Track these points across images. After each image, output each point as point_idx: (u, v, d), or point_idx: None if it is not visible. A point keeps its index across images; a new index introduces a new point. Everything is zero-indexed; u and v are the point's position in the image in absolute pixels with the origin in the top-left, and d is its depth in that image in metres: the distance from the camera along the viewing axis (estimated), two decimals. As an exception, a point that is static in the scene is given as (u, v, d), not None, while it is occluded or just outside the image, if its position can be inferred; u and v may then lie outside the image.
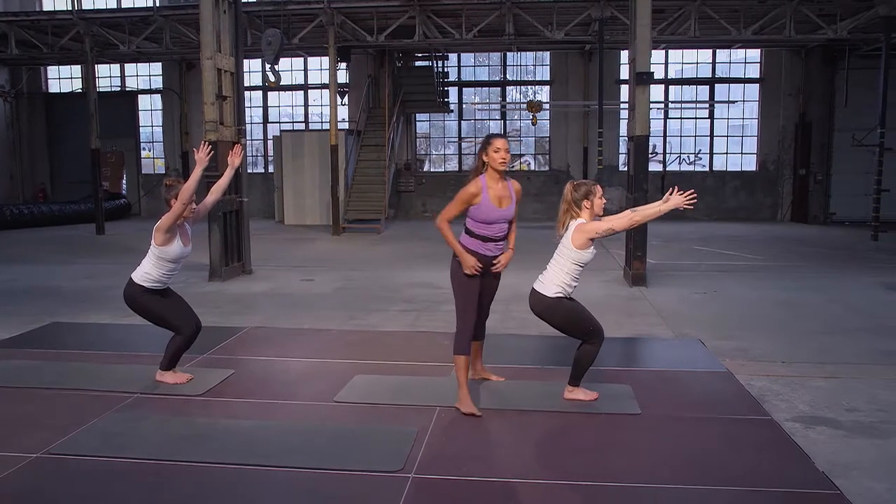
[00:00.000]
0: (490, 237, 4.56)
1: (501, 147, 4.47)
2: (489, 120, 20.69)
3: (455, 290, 4.64)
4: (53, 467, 3.77)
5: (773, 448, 4.03)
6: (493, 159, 4.47)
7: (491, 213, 4.50)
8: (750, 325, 7.27)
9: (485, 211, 4.48)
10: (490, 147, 4.48)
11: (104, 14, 16.76)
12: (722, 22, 14.93)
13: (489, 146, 4.48)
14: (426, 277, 10.10)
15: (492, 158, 4.47)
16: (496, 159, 4.46)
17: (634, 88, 9.50)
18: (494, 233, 4.56)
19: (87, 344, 6.35)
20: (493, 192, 4.50)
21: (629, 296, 8.90)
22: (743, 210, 19.19)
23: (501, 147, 4.47)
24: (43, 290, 9.39)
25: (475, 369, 5.07)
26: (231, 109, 10.46)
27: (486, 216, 4.50)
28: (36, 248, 14.15)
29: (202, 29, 10.05)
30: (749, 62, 19.36)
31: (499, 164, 4.46)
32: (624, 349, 6.22)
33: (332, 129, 15.77)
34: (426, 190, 20.36)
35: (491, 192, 4.49)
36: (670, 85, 19.63)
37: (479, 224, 4.53)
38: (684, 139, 19.80)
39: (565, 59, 19.53)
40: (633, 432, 4.28)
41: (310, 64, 20.56)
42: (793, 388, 5.24)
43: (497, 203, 4.50)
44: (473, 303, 4.59)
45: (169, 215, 4.79)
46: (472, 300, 4.58)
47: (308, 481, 3.65)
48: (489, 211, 4.49)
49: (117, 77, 21.51)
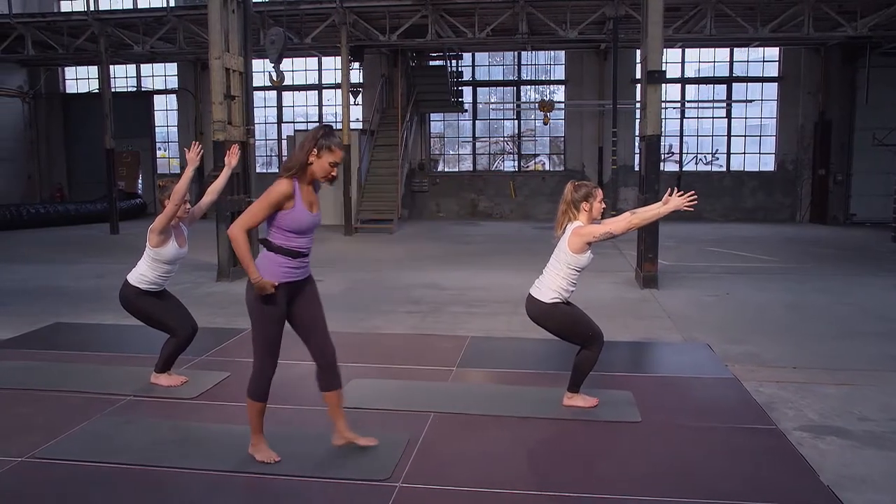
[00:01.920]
0: (301, 251, 3.70)
1: (337, 159, 3.65)
2: (504, 119, 20.56)
3: (253, 324, 3.70)
4: (36, 472, 3.71)
5: (776, 459, 3.89)
6: (324, 169, 3.64)
7: (304, 219, 3.65)
8: (761, 329, 7.10)
9: (298, 217, 3.62)
10: (329, 154, 3.63)
11: (118, 14, 16.82)
12: (739, 20, 14.70)
13: (328, 151, 3.62)
14: (435, 278, 10.02)
15: (323, 168, 3.63)
16: (329, 172, 3.65)
17: (646, 87, 9.35)
18: (306, 245, 3.73)
19: (88, 344, 6.31)
20: (304, 194, 3.66)
21: (639, 298, 8.75)
22: (760, 211, 18.90)
23: (337, 159, 3.65)
24: (50, 290, 9.41)
25: (337, 430, 3.92)
26: (240, 109, 10.42)
27: (298, 224, 3.63)
28: (49, 247, 14.24)
29: (210, 29, 10.02)
30: (767, 61, 19.07)
31: (323, 178, 3.67)
32: (628, 353, 6.07)
33: (344, 128, 15.74)
34: (440, 190, 20.27)
35: (303, 195, 3.65)
36: (687, 84, 19.40)
37: (289, 234, 3.64)
38: (701, 139, 19.55)
39: (580, 59, 19.36)
40: (630, 441, 4.15)
41: (324, 63, 20.55)
42: (802, 395, 5.08)
43: (309, 208, 3.67)
44: (277, 340, 3.71)
45: (162, 216, 4.74)
46: (274, 335, 3.69)
47: (291, 489, 3.57)
48: (302, 217, 3.64)
49: (133, 77, 21.65)
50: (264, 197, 3.57)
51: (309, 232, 3.72)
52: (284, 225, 3.62)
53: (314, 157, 3.61)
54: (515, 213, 19.87)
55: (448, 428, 4.32)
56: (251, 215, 3.60)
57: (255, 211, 3.59)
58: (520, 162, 20.44)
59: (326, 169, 3.63)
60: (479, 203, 20.16)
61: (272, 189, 3.57)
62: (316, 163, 3.62)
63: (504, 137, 20.71)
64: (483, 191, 20.15)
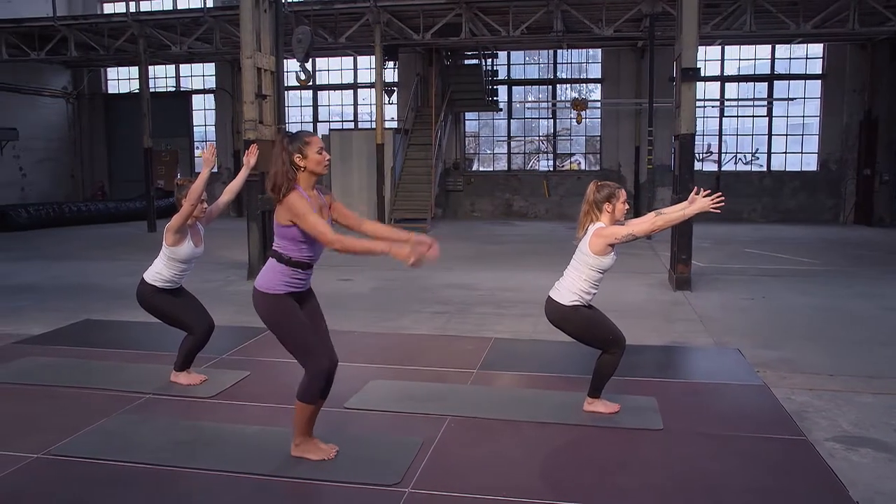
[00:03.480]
0: (311, 262, 3.64)
1: (320, 144, 3.59)
2: (539, 118, 20.38)
3: (281, 337, 3.66)
4: (49, 469, 3.72)
5: (803, 471, 3.71)
6: (315, 161, 3.55)
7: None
8: (798, 334, 6.87)
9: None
10: (310, 147, 3.53)
11: (157, 15, 17.09)
12: (780, 15, 14.32)
13: (308, 146, 3.53)
14: (465, 279, 9.94)
15: (314, 161, 3.54)
16: (320, 161, 3.56)
17: (680, 85, 9.13)
18: (316, 255, 3.65)
19: (115, 342, 6.36)
20: (314, 200, 3.58)
21: (671, 300, 8.55)
22: (802, 212, 18.41)
23: (320, 144, 3.59)
24: (86, 287, 9.57)
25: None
26: (271, 108, 10.46)
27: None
28: (88, 244, 14.52)
29: (242, 28, 10.08)
30: (810, 57, 18.57)
31: (323, 168, 3.59)
32: (655, 357, 5.88)
33: (378, 128, 15.75)
34: (475, 189, 20.18)
35: (314, 201, 3.57)
36: (727, 82, 18.99)
37: (301, 245, 3.56)
38: (741, 138, 19.12)
39: (617, 57, 19.09)
40: (650, 449, 4.00)
41: (359, 63, 20.60)
42: (838, 403, 4.88)
43: (321, 212, 3.58)
44: (311, 336, 3.65)
45: (178, 216, 4.75)
46: (306, 333, 3.64)
47: (298, 492, 3.52)
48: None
49: (172, 78, 21.98)
50: (298, 208, 3.44)
51: (320, 245, 3.62)
52: (299, 234, 3.52)
53: (301, 160, 3.53)
54: (550, 213, 19.69)
55: (464, 432, 4.23)
56: (317, 222, 3.45)
57: (312, 219, 3.44)
58: (555, 161, 20.24)
59: (319, 159, 3.56)
60: (513, 203, 20.02)
61: (295, 202, 3.45)
62: (308, 162, 3.54)
63: (539, 136, 20.53)
64: (518, 190, 20.00)
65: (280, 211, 3.52)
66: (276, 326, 3.65)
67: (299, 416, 3.71)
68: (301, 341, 3.64)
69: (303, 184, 3.56)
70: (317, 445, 3.80)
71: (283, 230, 3.56)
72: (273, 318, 3.64)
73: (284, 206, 3.49)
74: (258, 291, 3.66)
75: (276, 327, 3.65)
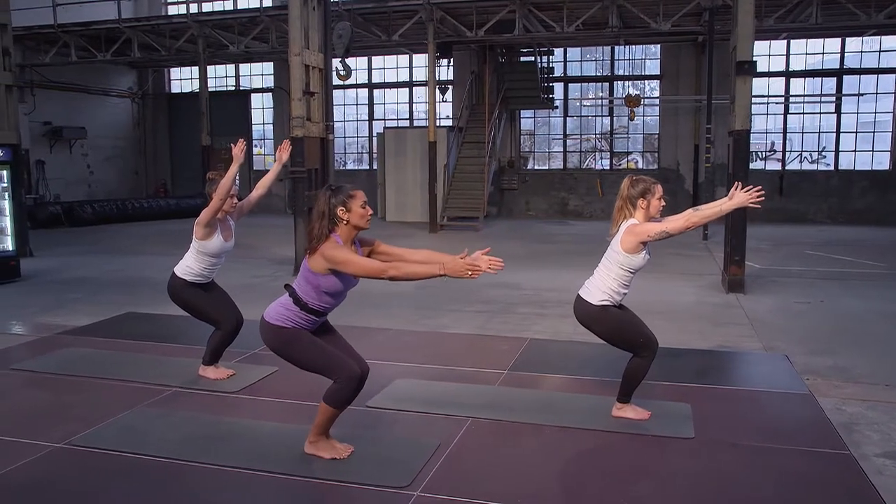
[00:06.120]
0: (326, 310, 3.65)
1: (363, 198, 3.57)
2: (596, 116, 20.00)
3: (296, 362, 3.66)
4: (68, 459, 3.77)
5: (842, 489, 3.45)
6: (359, 216, 3.52)
7: (350, 282, 3.59)
8: (854, 341, 6.49)
9: (345, 279, 3.55)
10: (354, 201, 3.51)
11: (215, 16, 17.41)
12: (849, 6, 13.67)
13: (352, 200, 3.50)
14: (511, 278, 9.74)
15: (357, 215, 3.51)
16: (364, 216, 3.53)
17: (735, 79, 8.77)
18: (335, 304, 3.66)
19: (152, 335, 6.44)
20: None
21: (722, 303, 8.22)
22: (872, 212, 17.53)
23: (363, 198, 3.57)
24: (138, 281, 9.79)
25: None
26: (319, 105, 10.52)
27: (339, 287, 3.56)
28: (147, 240, 14.90)
29: (290, 26, 10.15)
30: (884, 50, 17.67)
31: (366, 223, 3.56)
32: (694, 362, 5.59)
33: (430, 125, 15.69)
34: (530, 188, 19.93)
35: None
36: (792, 78, 18.25)
37: (323, 295, 3.55)
38: (806, 136, 18.35)
39: (677, 52, 18.56)
40: (677, 458, 3.79)
41: (414, 61, 20.59)
42: (892, 416, 4.56)
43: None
44: (326, 351, 3.62)
45: (208, 210, 4.75)
46: (320, 351, 3.61)
47: (307, 492, 3.46)
48: (349, 280, 3.57)
49: (232, 77, 22.40)
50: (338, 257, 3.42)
51: (343, 295, 3.64)
52: (326, 286, 3.52)
53: (344, 213, 3.50)
54: (606, 213, 19.26)
55: (484, 435, 4.10)
56: (362, 261, 3.46)
57: (356, 260, 3.44)
58: (612, 160, 19.83)
59: (363, 213, 3.53)
60: (569, 202, 19.70)
61: (333, 252, 3.42)
62: (351, 216, 3.51)
63: (596, 134, 20.15)
64: (574, 189, 19.67)
65: (316, 259, 3.49)
66: (285, 351, 3.62)
67: (321, 416, 3.67)
68: (319, 356, 3.61)
69: (343, 237, 3.52)
70: (331, 444, 3.75)
71: (313, 277, 3.52)
72: (278, 346, 3.63)
73: (321, 255, 3.47)
74: (265, 322, 3.63)
75: (286, 353, 3.63)
